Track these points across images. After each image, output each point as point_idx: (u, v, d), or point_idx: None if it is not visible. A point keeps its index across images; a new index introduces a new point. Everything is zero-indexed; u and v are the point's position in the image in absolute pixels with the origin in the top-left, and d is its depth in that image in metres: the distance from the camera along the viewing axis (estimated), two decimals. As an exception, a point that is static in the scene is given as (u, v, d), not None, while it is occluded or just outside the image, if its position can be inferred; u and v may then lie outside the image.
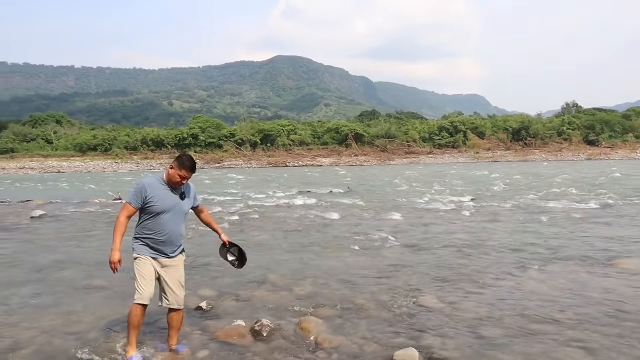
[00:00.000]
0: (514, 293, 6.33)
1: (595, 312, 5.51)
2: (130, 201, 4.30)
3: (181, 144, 74.44)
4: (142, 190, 4.27)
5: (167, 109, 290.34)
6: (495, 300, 6.00)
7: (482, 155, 64.68)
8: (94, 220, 13.71)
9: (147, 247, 4.37)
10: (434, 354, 4.45)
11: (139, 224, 4.41)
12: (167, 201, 4.32)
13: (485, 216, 13.37)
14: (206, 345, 4.79)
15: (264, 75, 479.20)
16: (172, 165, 4.33)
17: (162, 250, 4.39)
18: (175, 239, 4.46)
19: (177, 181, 4.31)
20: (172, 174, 4.31)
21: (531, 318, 5.37)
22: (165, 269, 4.45)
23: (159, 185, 4.34)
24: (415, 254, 8.78)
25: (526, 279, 7.00)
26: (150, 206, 4.27)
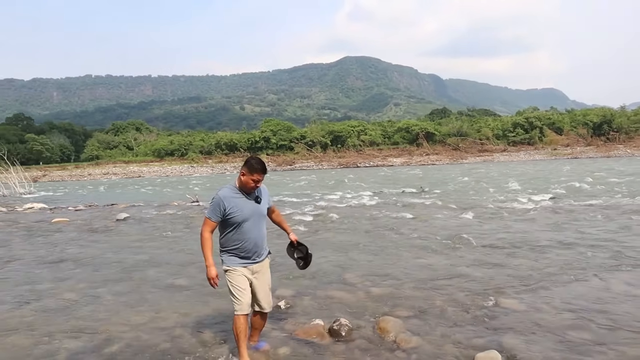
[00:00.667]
0: (601, 295, 6.01)
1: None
2: (210, 216, 4.27)
3: (253, 147, 76.06)
4: (219, 204, 4.23)
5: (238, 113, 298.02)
6: (581, 303, 5.73)
7: (560, 151, 61.88)
8: (173, 222, 14.26)
9: (236, 258, 4.36)
10: (517, 357, 4.32)
11: (222, 236, 4.39)
12: (246, 209, 4.29)
13: (567, 215, 12.79)
14: (286, 342, 4.88)
15: (332, 77, 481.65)
16: (243, 171, 4.26)
17: (251, 258, 4.39)
18: (261, 244, 4.46)
19: (251, 186, 4.27)
20: (244, 181, 4.26)
21: (621, 322, 5.10)
22: (256, 275, 4.46)
23: (234, 195, 4.29)
24: (493, 254, 8.54)
25: (614, 281, 6.63)
26: (231, 217, 4.24)
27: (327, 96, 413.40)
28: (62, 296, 6.80)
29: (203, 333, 5.18)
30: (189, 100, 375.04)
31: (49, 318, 5.86)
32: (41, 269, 8.62)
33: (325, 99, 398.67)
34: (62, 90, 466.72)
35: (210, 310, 5.95)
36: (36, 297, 6.79)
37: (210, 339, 5.02)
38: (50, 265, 8.90)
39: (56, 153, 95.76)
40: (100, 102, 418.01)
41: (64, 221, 15.05)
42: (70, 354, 4.77)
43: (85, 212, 17.82)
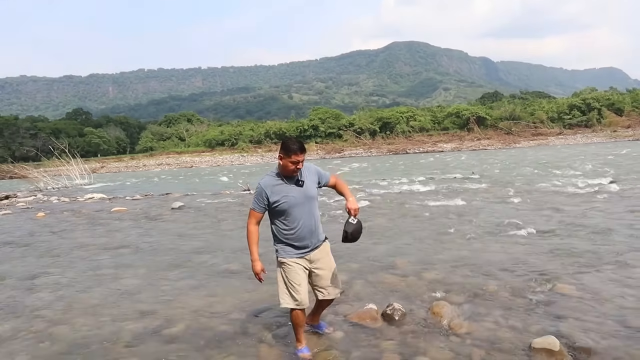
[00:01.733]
0: (665, 281, 5.79)
1: None
2: (254, 207, 4.12)
3: (302, 135, 76.39)
4: (261, 193, 4.06)
5: (287, 102, 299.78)
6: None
7: (620, 133, 59.29)
8: (226, 210, 14.56)
9: (291, 248, 4.14)
10: (576, 343, 4.22)
11: (272, 225, 4.21)
12: (291, 195, 4.04)
13: (628, 199, 12.32)
14: (340, 326, 4.94)
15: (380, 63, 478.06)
16: (280, 154, 4.02)
17: (306, 245, 4.15)
18: (315, 229, 4.19)
19: (291, 169, 4.00)
20: (283, 165, 4.01)
21: (687, 308, 4.90)
22: (315, 263, 4.23)
23: (275, 182, 4.07)
24: (549, 239, 8.33)
25: (679, 265, 6.37)
26: (277, 206, 4.04)
27: (375, 83, 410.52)
28: (123, 281, 7.10)
29: (258, 316, 5.31)
30: (238, 90, 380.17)
31: (113, 301, 6.14)
32: (103, 256, 9.00)
33: (374, 86, 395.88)
34: (117, 85, 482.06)
35: (264, 294, 6.06)
36: (100, 282, 7.12)
37: (265, 322, 5.14)
38: (112, 252, 9.28)
39: (113, 145, 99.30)
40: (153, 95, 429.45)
41: (123, 210, 15.61)
42: (134, 334, 4.99)
43: (142, 202, 18.42)
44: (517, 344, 4.30)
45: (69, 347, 4.79)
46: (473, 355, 4.15)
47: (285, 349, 4.49)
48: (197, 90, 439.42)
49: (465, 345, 4.34)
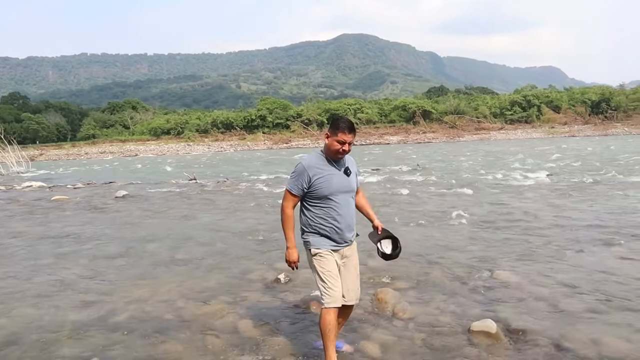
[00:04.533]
0: (594, 269, 6.14)
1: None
2: (291, 188, 3.63)
3: (249, 125, 75.86)
4: (303, 174, 3.58)
5: (235, 91, 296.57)
6: (574, 276, 5.86)
7: (557, 129, 61.89)
8: (172, 200, 14.35)
9: (327, 239, 3.66)
10: (512, 326, 4.44)
11: (305, 212, 3.72)
12: (334, 180, 3.62)
13: (562, 191, 12.93)
14: (286, 314, 4.98)
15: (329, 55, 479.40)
16: (327, 132, 3.64)
17: (343, 238, 3.70)
18: (352, 223, 3.79)
19: (337, 149, 3.57)
20: (329, 143, 3.59)
21: (613, 294, 5.21)
22: (345, 260, 3.80)
23: (320, 163, 3.64)
24: (489, 230, 8.67)
25: (606, 255, 6.76)
26: (316, 190, 3.59)
27: (323, 74, 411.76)
28: (65, 271, 6.90)
29: (205, 304, 5.28)
30: (185, 78, 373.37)
31: (53, 291, 5.96)
32: (43, 245, 8.71)
33: (322, 77, 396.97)
34: (58, 69, 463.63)
35: (210, 282, 6.06)
36: (39, 272, 6.89)
37: (211, 310, 5.13)
38: (52, 241, 8.99)
39: (52, 132, 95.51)
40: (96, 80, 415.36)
41: (64, 199, 15.12)
42: (77, 324, 4.87)
43: (84, 190, 17.88)
44: (457, 327, 4.48)
45: (8, 338, 4.62)
46: (415, 339, 4.29)
47: (230, 337, 4.49)
48: (143, 77, 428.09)
49: (408, 330, 4.48)
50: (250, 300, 5.39)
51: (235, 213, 11.57)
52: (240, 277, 6.29)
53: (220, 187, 17.28)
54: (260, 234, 8.91)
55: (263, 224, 9.87)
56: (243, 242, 8.41)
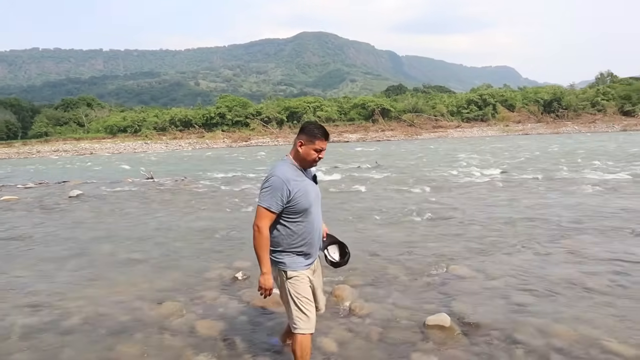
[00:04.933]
0: (544, 261, 6.37)
1: (626, 280, 5.54)
2: (269, 205, 3.19)
3: (208, 123, 74.94)
4: (281, 188, 3.18)
5: (193, 88, 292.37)
6: (526, 268, 6.06)
7: (511, 128, 63.45)
8: (128, 199, 14.08)
9: (302, 258, 3.37)
10: (465, 319, 4.57)
11: (280, 230, 3.33)
12: (310, 191, 3.34)
13: (515, 188, 13.29)
14: (244, 312, 4.99)
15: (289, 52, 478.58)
16: (300, 140, 3.31)
17: (314, 254, 3.47)
18: (321, 233, 3.57)
19: (313, 158, 3.30)
20: (304, 153, 3.29)
21: (561, 285, 5.43)
22: (315, 273, 3.55)
23: (294, 174, 3.29)
24: (445, 226, 8.84)
25: (556, 248, 7.01)
26: (296, 204, 3.25)
27: (283, 72, 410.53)
28: (13, 273, 6.69)
29: (161, 305, 5.22)
30: (142, 75, 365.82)
31: (1, 296, 5.78)
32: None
33: (282, 75, 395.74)
34: (7, 64, 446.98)
35: (167, 282, 6.00)
36: (-13, 274, 6.67)
37: (168, 310, 5.07)
38: (0, 244, 8.70)
39: (2, 130, 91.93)
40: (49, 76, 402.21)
41: (13, 199, 14.62)
42: (27, 329, 4.74)
43: (36, 190, 17.34)
44: (412, 322, 4.57)
45: (-47, 343, 4.48)
46: (371, 335, 4.36)
47: (187, 337, 4.46)
48: (98, 73, 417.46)
49: (365, 325, 4.55)
50: (207, 299, 5.37)
51: (193, 212, 11.44)
52: (198, 276, 6.24)
53: (178, 185, 17.05)
54: (219, 233, 8.85)
55: (221, 223, 9.80)
56: (201, 240, 8.34)
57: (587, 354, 3.88)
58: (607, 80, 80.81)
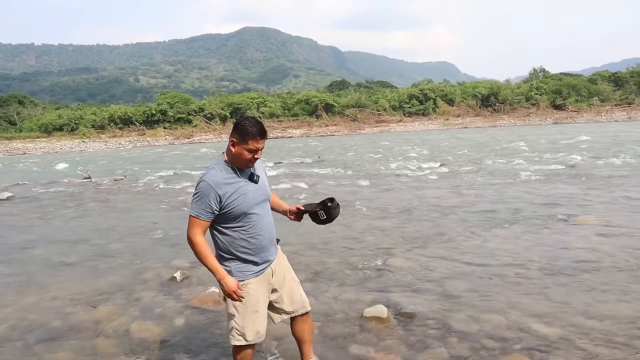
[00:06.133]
0: (479, 251, 6.58)
1: (555, 265, 5.79)
2: (199, 214, 2.95)
3: (149, 120, 73.17)
4: (209, 194, 2.92)
5: (133, 85, 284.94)
6: (462, 258, 6.25)
7: (451, 121, 65.10)
8: (63, 200, 13.57)
9: (251, 265, 3.11)
10: (402, 310, 4.66)
11: (220, 237, 3.09)
12: (249, 193, 3.05)
13: (453, 180, 13.66)
14: (181, 312, 4.91)
15: (231, 48, 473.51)
16: (232, 139, 2.99)
17: (266, 258, 3.19)
18: (273, 236, 3.32)
19: (247, 159, 3.00)
20: (236, 153, 2.99)
21: (494, 273, 5.63)
22: (275, 276, 3.27)
23: (227, 177, 3.00)
24: (385, 219, 8.99)
25: (491, 237, 7.26)
26: (231, 210, 2.98)
27: (226, 68, 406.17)
28: (-64, 281, 6.34)
29: (95, 309, 5.07)
30: (79, 71, 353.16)
31: None
32: None
33: (224, 71, 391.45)
34: None
35: (103, 284, 5.83)
36: None
37: (102, 313, 4.93)
38: None
39: None
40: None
41: (-63, 202, 13.83)
42: (-52, 338, 4.51)
43: (-38, 192, 16.45)
44: (350, 314, 4.63)
45: None
46: (310, 329, 4.38)
47: (122, 340, 4.35)
48: (30, 69, 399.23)
49: (304, 320, 4.56)
50: (144, 301, 5.25)
51: (132, 212, 11.16)
52: (135, 277, 6.10)
53: (116, 185, 16.58)
54: (157, 232, 8.67)
55: (160, 222, 9.62)
56: (139, 241, 8.14)
57: (517, 337, 4.03)
58: (539, 75, 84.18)
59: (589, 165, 15.47)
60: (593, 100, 68.80)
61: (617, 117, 58.41)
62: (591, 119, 58.18)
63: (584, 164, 15.69)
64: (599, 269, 5.61)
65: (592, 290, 4.98)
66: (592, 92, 70.80)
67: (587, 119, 58.38)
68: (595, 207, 9.17)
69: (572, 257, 6.05)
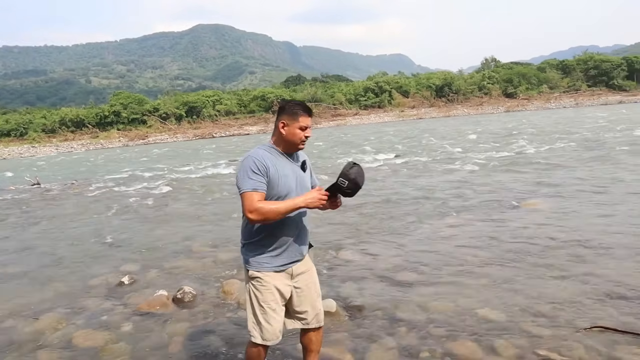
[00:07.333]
0: (430, 240, 6.68)
1: (503, 251, 5.93)
2: (256, 186, 2.70)
3: (103, 122, 71.45)
4: (261, 164, 2.75)
5: (84, 86, 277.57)
6: (412, 248, 6.33)
7: (407, 113, 65.87)
8: (8, 207, 13.10)
9: (270, 257, 2.89)
10: (351, 302, 4.68)
11: (247, 224, 2.91)
12: (291, 177, 2.87)
13: (407, 171, 13.83)
14: (129, 318, 4.79)
15: (185, 46, 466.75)
16: (283, 121, 2.84)
17: (293, 253, 2.95)
18: (306, 233, 3.06)
19: (300, 138, 2.85)
20: (290, 133, 2.83)
21: (444, 261, 5.72)
22: (299, 277, 3.02)
23: (274, 157, 2.83)
24: (338, 211, 8.98)
25: (441, 226, 7.38)
26: (272, 189, 2.78)
27: (180, 66, 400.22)
28: None
29: (38, 320, 4.89)
30: (26, 73, 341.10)
31: None
32: None
33: (179, 69, 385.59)
34: None
35: (47, 294, 5.63)
36: None
37: (45, 324, 4.75)
38: None
39: None
40: None
41: None
42: None
43: None
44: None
45: None
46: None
47: (64, 351, 4.21)
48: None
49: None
50: (90, 308, 5.10)
51: (82, 216, 10.85)
52: (81, 284, 5.92)
53: (66, 190, 16.10)
54: (107, 237, 8.46)
55: (111, 226, 9.39)
56: (87, 247, 7.92)
57: (464, 323, 4.10)
58: (491, 65, 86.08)
59: (536, 152, 15.90)
60: (543, 87, 70.82)
61: (565, 103, 60.34)
62: (541, 106, 59.87)
63: (531, 151, 16.12)
64: (544, 252, 5.77)
65: (537, 273, 5.11)
66: (541, 80, 72.86)
67: (537, 107, 60.04)
68: (541, 191, 9.44)
69: (519, 242, 6.21)
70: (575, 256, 5.55)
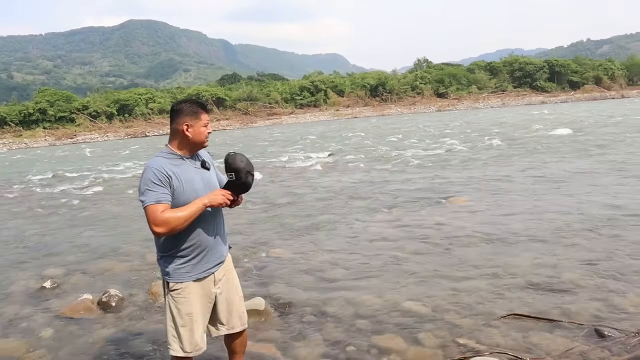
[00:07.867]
0: (360, 237, 6.82)
1: (428, 246, 6.14)
2: (159, 198, 2.55)
3: (27, 120, 68.01)
4: (161, 173, 2.61)
5: (6, 82, 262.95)
6: (342, 245, 6.44)
7: (342, 112, 66.61)
8: None
9: (189, 266, 2.74)
10: (280, 300, 4.72)
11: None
12: (197, 179, 2.75)
13: (340, 169, 14.02)
14: (50, 323, 4.63)
15: (116, 42, 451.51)
16: (186, 123, 2.72)
17: (214, 256, 2.86)
18: (223, 236, 2.99)
19: (205, 136, 2.79)
20: (194, 133, 2.73)
21: (372, 257, 5.86)
22: (220, 283, 2.91)
23: (173, 163, 2.70)
24: (271, 210, 9.03)
25: (372, 223, 7.54)
26: (177, 198, 2.63)
27: (111, 62, 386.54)
28: None
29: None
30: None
31: None
32: None
33: (110, 66, 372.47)
34: None
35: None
36: None
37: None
38: None
39: None
40: None
41: None
42: None
43: None
44: (229, 310, 4.60)
45: None
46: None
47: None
48: None
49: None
50: (6, 316, 4.88)
51: (1, 220, 10.35)
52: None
53: (-15, 192, 15.29)
54: (29, 240, 8.11)
55: (33, 229, 9.00)
56: (6, 252, 7.55)
57: (389, 316, 4.23)
58: (423, 66, 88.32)
59: (464, 149, 16.49)
60: (472, 88, 73.33)
61: (493, 103, 62.87)
62: (470, 106, 62.06)
63: (459, 149, 16.71)
64: (467, 245, 6.04)
65: (459, 266, 5.33)
66: (470, 81, 75.44)
67: (466, 106, 62.18)
68: (468, 187, 9.82)
69: (444, 236, 6.44)
70: (494, 249, 5.83)
